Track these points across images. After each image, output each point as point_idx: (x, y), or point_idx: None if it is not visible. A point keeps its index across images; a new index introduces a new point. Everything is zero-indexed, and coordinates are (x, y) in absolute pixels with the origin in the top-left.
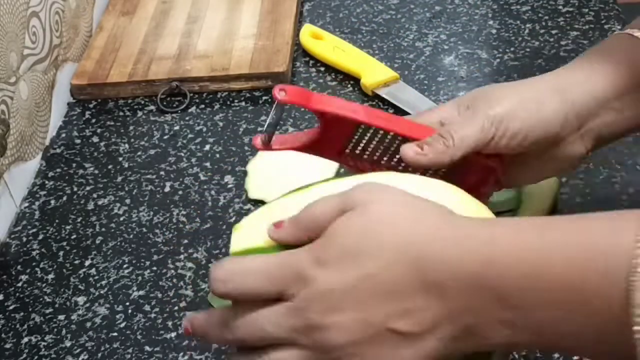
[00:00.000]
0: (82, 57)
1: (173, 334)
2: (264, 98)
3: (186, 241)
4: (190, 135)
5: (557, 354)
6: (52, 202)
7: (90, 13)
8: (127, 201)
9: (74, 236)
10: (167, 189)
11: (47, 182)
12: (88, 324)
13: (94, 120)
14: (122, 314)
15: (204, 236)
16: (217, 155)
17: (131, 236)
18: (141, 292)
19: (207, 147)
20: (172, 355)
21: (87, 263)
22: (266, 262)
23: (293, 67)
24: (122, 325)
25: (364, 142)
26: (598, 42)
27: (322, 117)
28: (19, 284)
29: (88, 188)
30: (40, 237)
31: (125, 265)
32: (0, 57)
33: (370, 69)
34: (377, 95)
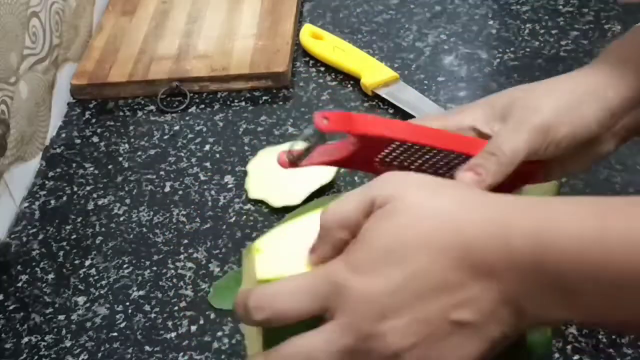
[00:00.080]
0: (82, 57)
1: (173, 334)
2: (264, 98)
3: (186, 241)
4: (190, 135)
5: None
6: (52, 202)
7: (90, 13)
8: (127, 201)
9: (74, 236)
10: (167, 189)
11: (47, 182)
12: (88, 324)
13: (94, 120)
14: (122, 314)
15: (204, 236)
16: (217, 155)
17: (131, 236)
18: (141, 292)
19: (207, 147)
20: (172, 355)
21: (87, 263)
22: (303, 280)
23: (293, 67)
24: (122, 325)
25: (398, 154)
26: (598, 42)
27: (362, 138)
28: (19, 284)
29: (88, 188)
30: (40, 237)
31: (125, 265)
32: (0, 57)
33: (370, 69)
34: (377, 95)
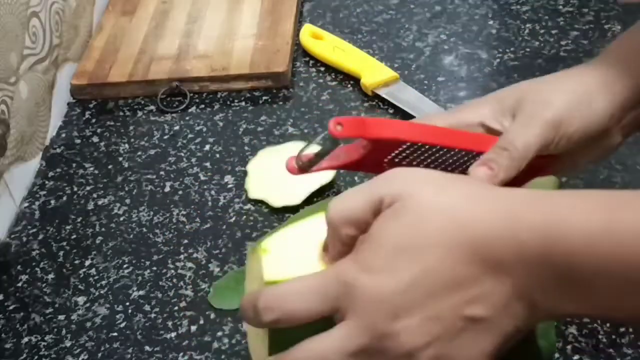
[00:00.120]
0: (82, 57)
1: (173, 334)
2: (264, 98)
3: (186, 241)
4: (190, 135)
5: None
6: (52, 202)
7: (90, 13)
8: (127, 201)
9: (74, 236)
10: (167, 189)
11: (47, 182)
12: (88, 324)
13: (94, 120)
14: (122, 314)
15: (204, 236)
16: (217, 155)
17: (131, 236)
18: (141, 292)
19: (207, 147)
20: (172, 355)
21: (87, 263)
22: (312, 281)
23: (293, 67)
24: (122, 325)
25: (407, 154)
26: (598, 42)
27: (376, 142)
28: (19, 284)
29: (88, 188)
30: (40, 237)
31: (125, 265)
32: (0, 57)
33: (370, 69)
34: (377, 95)
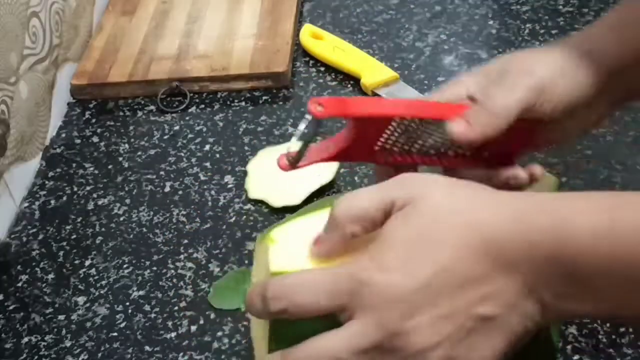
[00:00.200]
0: (82, 57)
1: (173, 334)
2: (264, 98)
3: (186, 241)
4: (190, 135)
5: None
6: (52, 202)
7: (90, 13)
8: (127, 201)
9: (74, 236)
10: (167, 189)
11: (47, 182)
12: (88, 324)
13: (94, 120)
14: (122, 314)
15: (204, 236)
16: (217, 155)
17: (131, 236)
18: (141, 292)
19: (207, 147)
20: (172, 355)
21: (87, 263)
22: (325, 276)
23: (293, 67)
24: (122, 325)
25: (397, 137)
26: None
27: (357, 121)
28: (19, 284)
29: (88, 188)
30: (40, 237)
31: (125, 265)
32: (0, 57)
33: (370, 69)
34: (377, 95)
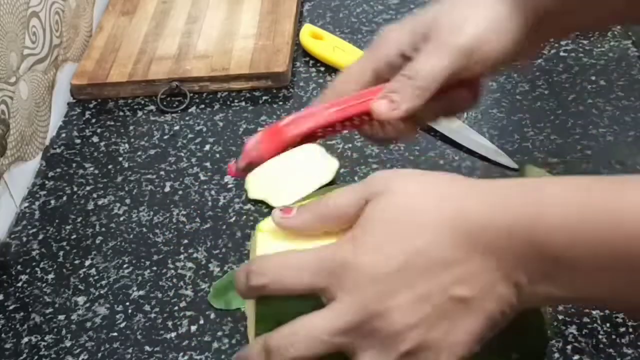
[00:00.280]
0: (82, 57)
1: (173, 334)
2: (264, 98)
3: (186, 241)
4: (190, 135)
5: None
6: (52, 202)
7: (90, 13)
8: (127, 201)
9: (74, 236)
10: (167, 189)
11: (47, 182)
12: (88, 324)
13: (94, 120)
14: (122, 314)
15: (204, 236)
16: (217, 155)
17: (131, 236)
18: (141, 292)
19: (207, 147)
20: (172, 355)
21: (87, 263)
22: (308, 256)
23: (293, 67)
24: (122, 325)
25: (340, 128)
26: (598, 42)
27: (302, 139)
28: (19, 284)
29: (88, 188)
30: (40, 237)
31: (125, 265)
32: (0, 57)
33: None
34: None
